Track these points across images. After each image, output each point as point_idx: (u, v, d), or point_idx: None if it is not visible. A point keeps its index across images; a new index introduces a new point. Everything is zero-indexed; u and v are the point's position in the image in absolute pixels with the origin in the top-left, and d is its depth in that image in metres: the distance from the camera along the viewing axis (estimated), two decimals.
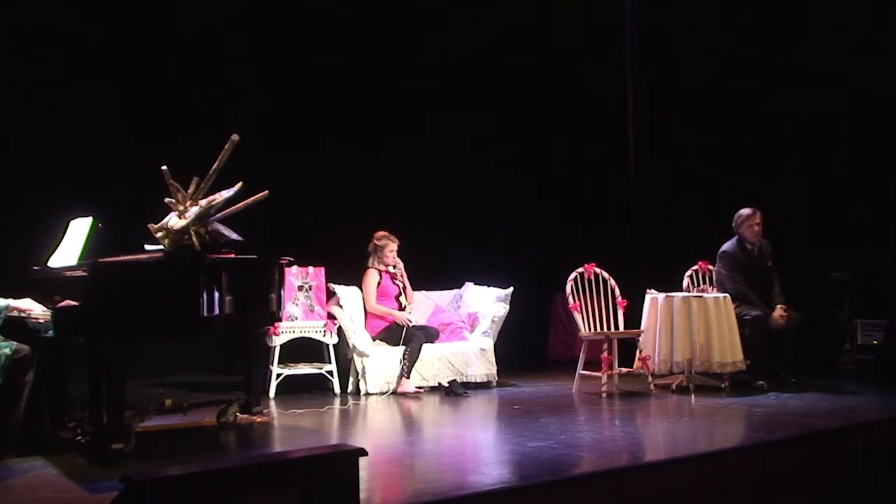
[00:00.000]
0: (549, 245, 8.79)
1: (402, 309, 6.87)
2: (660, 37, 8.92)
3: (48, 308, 4.41)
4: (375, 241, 6.94)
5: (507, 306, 7.08)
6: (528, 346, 8.88)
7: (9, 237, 6.11)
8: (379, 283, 6.88)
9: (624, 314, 6.78)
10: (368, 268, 6.94)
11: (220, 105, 7.27)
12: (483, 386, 6.89)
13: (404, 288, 6.98)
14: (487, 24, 8.80)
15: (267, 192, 4.78)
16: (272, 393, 6.45)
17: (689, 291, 6.89)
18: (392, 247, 6.93)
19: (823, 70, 8.17)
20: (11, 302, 4.41)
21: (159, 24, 7.26)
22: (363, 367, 6.56)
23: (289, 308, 6.51)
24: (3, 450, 4.24)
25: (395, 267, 6.96)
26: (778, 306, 6.63)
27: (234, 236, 4.71)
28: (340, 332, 6.70)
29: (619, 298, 6.82)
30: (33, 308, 4.43)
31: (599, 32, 9.23)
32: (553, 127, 9.15)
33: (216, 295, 4.43)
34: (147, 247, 4.78)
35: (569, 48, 9.09)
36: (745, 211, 6.85)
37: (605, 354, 6.45)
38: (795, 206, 7.65)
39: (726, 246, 6.89)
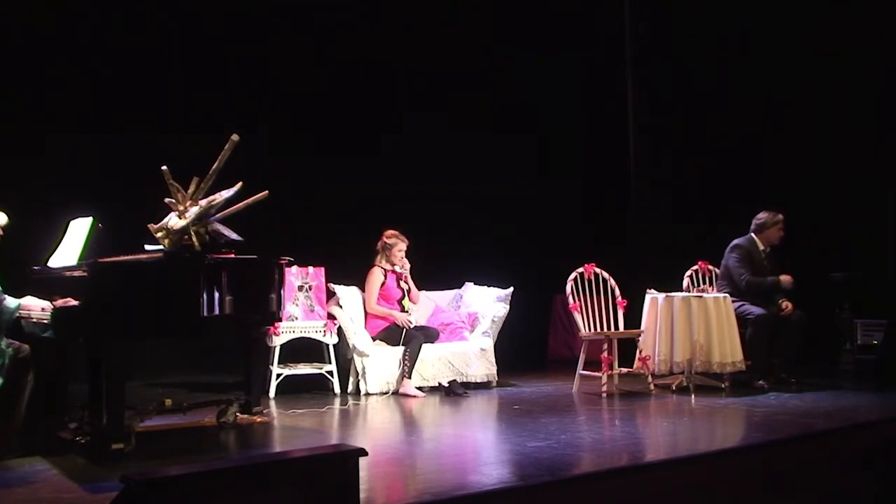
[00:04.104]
0: (550, 245, 8.78)
1: (403, 311, 6.86)
2: (660, 36, 8.92)
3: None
4: (385, 240, 6.90)
5: (507, 306, 7.07)
6: (528, 346, 8.88)
7: (9, 237, 6.09)
8: (383, 284, 6.83)
9: (624, 314, 6.78)
10: (374, 266, 6.90)
11: (220, 105, 7.27)
12: (483, 386, 6.89)
13: (409, 290, 6.95)
14: (488, 20, 8.80)
15: (267, 192, 4.78)
16: (272, 393, 6.45)
17: (689, 291, 6.89)
18: (401, 246, 6.88)
19: (824, 69, 8.16)
20: (24, 301, 4.41)
21: (159, 24, 7.26)
22: (363, 367, 6.55)
23: (289, 308, 6.51)
24: (4, 450, 4.24)
25: (402, 267, 6.92)
26: (783, 300, 6.64)
27: (234, 236, 4.71)
28: (340, 332, 6.70)
29: (619, 298, 6.82)
30: (43, 307, 4.40)
31: (600, 30, 9.24)
32: (554, 126, 9.14)
33: (216, 295, 4.43)
34: (147, 247, 4.78)
35: (569, 45, 9.08)
36: (776, 215, 6.87)
37: (605, 354, 6.45)
38: (796, 205, 7.63)
39: (739, 240, 6.92)
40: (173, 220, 4.64)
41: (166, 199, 4.65)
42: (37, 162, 6.59)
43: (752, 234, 6.93)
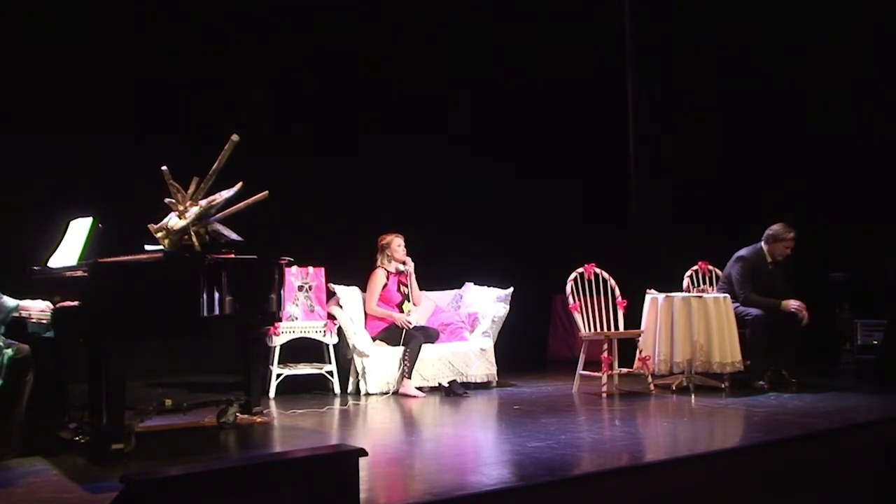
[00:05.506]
0: (550, 245, 8.78)
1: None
2: (661, 35, 8.92)
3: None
4: (381, 242, 6.90)
5: (507, 306, 7.07)
6: (528, 346, 8.88)
7: (9, 237, 6.10)
8: (385, 286, 6.83)
9: (624, 314, 6.78)
10: (377, 267, 6.89)
11: (220, 105, 7.27)
12: (483, 386, 6.89)
13: (410, 293, 6.93)
14: (487, 19, 8.79)
15: (267, 192, 4.78)
16: (272, 393, 6.45)
17: (689, 291, 6.89)
18: (399, 241, 6.88)
19: (824, 69, 8.15)
20: (22, 303, 4.41)
21: (159, 24, 7.26)
22: (363, 368, 6.55)
23: (289, 308, 6.51)
24: (4, 450, 4.24)
25: (405, 265, 6.89)
26: (791, 300, 6.62)
27: (234, 236, 4.71)
28: (340, 332, 6.70)
29: (619, 298, 6.82)
30: (43, 308, 4.41)
31: (600, 29, 9.24)
32: (553, 127, 9.14)
33: (216, 295, 4.43)
34: (147, 247, 4.78)
35: (569, 43, 9.08)
36: (787, 231, 6.77)
37: (605, 354, 6.45)
38: (795, 205, 7.63)
39: (745, 252, 6.84)
40: (173, 220, 4.64)
41: (166, 199, 4.65)
42: (37, 162, 6.59)
43: (762, 245, 6.84)
